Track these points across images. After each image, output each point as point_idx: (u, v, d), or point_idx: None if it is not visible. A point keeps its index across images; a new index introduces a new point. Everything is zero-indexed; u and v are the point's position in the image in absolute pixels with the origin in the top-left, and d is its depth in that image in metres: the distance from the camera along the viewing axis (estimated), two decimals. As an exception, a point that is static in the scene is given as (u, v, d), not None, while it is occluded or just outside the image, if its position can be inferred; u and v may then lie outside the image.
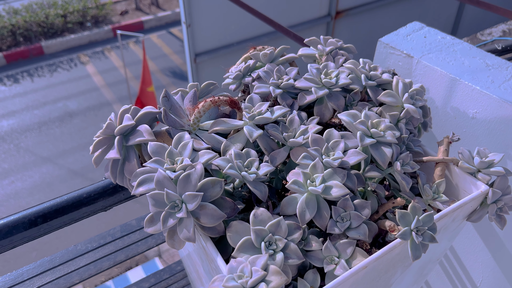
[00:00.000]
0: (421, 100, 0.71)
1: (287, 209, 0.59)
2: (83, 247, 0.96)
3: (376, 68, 0.75)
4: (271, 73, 0.75)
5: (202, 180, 0.55)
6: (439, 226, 0.62)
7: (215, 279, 0.48)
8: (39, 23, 7.93)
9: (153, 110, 0.64)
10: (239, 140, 0.65)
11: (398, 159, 0.63)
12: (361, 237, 0.56)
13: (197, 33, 2.98)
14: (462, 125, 0.95)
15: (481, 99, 0.89)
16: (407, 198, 0.64)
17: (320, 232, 0.61)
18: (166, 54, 7.86)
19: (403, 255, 0.60)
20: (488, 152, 0.67)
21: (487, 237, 1.01)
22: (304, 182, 0.57)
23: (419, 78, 1.01)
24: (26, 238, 0.67)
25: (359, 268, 0.52)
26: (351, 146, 0.63)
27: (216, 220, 0.54)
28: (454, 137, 0.70)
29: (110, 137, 0.62)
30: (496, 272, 1.03)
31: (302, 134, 0.64)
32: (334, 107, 0.72)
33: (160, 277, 1.14)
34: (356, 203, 0.58)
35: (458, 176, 0.68)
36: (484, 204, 0.66)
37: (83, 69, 7.58)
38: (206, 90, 0.74)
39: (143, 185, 0.56)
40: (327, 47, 0.81)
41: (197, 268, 0.77)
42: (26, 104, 6.81)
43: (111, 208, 0.75)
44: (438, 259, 0.81)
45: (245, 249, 0.52)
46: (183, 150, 0.58)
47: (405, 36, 1.07)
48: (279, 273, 0.46)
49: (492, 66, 0.95)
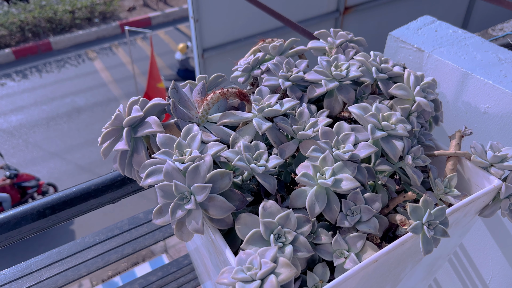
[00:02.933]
0: (432, 93, 0.70)
1: (296, 202, 0.58)
2: (91, 239, 0.96)
3: (387, 61, 0.74)
4: (281, 65, 0.74)
5: (211, 172, 0.54)
6: (451, 220, 0.61)
7: (223, 271, 0.47)
8: (47, 19, 7.98)
9: (161, 102, 0.63)
10: (248, 133, 0.64)
11: (409, 153, 0.62)
12: (371, 230, 0.55)
13: (205, 28, 2.97)
14: (474, 120, 0.94)
15: (494, 93, 0.88)
16: (418, 192, 0.64)
17: (329, 225, 0.60)
18: (173, 50, 7.87)
19: (414, 249, 0.59)
20: (502, 147, 0.66)
21: (497, 234, 1.00)
22: (313, 175, 0.56)
23: (430, 72, 0.99)
24: (35, 230, 0.67)
25: (370, 262, 0.51)
26: (361, 139, 0.62)
27: (225, 212, 0.53)
28: (466, 131, 0.69)
29: (119, 128, 0.62)
30: (507, 269, 1.02)
31: (312, 127, 0.63)
32: (344, 100, 0.71)
33: (167, 270, 1.14)
34: (366, 197, 0.57)
35: (470, 170, 0.67)
36: (496, 199, 0.64)
37: (91, 65, 7.62)
38: (214, 83, 0.73)
39: (151, 176, 0.55)
40: (337, 40, 0.80)
41: (204, 261, 0.77)
42: (35, 99, 6.87)
43: (119, 200, 0.74)
44: (448, 255, 0.80)
45: (254, 241, 0.52)
46: (192, 141, 0.58)
47: (416, 30, 1.06)
48: (289, 266, 0.45)
49: (505, 61, 0.94)
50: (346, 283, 0.50)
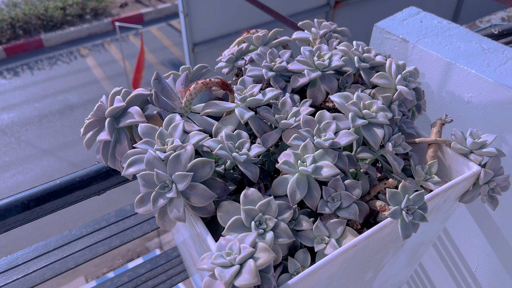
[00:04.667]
0: (414, 82, 0.71)
1: (278, 190, 0.59)
2: (78, 232, 0.96)
3: (370, 50, 0.75)
4: (264, 56, 0.74)
5: (192, 161, 0.55)
6: (431, 206, 0.62)
7: (203, 257, 0.48)
8: (38, 16, 7.90)
9: (144, 92, 0.64)
10: (231, 122, 0.65)
11: (390, 140, 0.63)
12: (352, 216, 0.56)
13: (195, 22, 2.96)
14: (458, 110, 0.95)
15: (477, 83, 0.89)
16: (399, 179, 0.64)
17: (311, 213, 0.61)
18: (166, 47, 7.83)
19: (394, 235, 0.60)
20: (481, 134, 0.67)
21: (482, 223, 1.01)
22: (295, 163, 0.57)
23: (415, 63, 1.00)
24: (19, 222, 0.67)
25: (349, 247, 0.52)
26: (343, 127, 0.62)
27: (206, 200, 0.54)
28: (447, 119, 0.70)
29: (101, 119, 0.62)
30: (492, 257, 1.03)
31: (294, 116, 0.64)
32: (327, 89, 0.71)
33: (156, 263, 1.14)
34: (347, 183, 0.58)
35: (450, 157, 0.68)
36: (476, 185, 0.65)
37: (83, 62, 7.56)
38: (198, 73, 0.73)
39: (133, 166, 0.56)
40: (321, 30, 0.80)
41: (191, 251, 0.78)
42: (27, 97, 6.81)
43: (105, 192, 0.75)
44: (431, 242, 0.82)
45: (235, 228, 0.52)
46: (174, 131, 0.58)
47: (401, 21, 1.06)
48: (268, 250, 0.46)
49: (488, 50, 0.95)
50: (326, 268, 0.51)
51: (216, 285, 0.45)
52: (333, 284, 0.57)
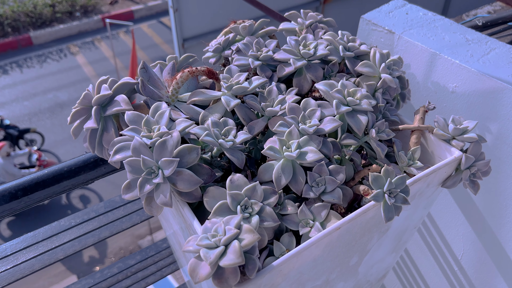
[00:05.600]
0: (398, 70, 0.72)
1: (264, 176, 0.59)
2: (67, 222, 0.96)
3: (355, 39, 0.76)
4: (250, 45, 0.75)
5: (179, 147, 0.55)
6: (414, 191, 0.63)
7: (189, 240, 0.49)
8: (27, 13, 7.82)
9: (130, 81, 0.64)
10: (218, 111, 0.65)
11: (373, 127, 0.64)
12: (335, 200, 0.57)
13: (185, 18, 2.95)
14: (443, 100, 0.96)
15: (461, 73, 0.90)
16: (383, 165, 0.65)
17: (296, 198, 0.62)
18: (157, 44, 7.80)
19: (378, 219, 0.61)
20: (463, 120, 0.68)
21: (467, 211, 1.03)
22: (280, 148, 0.58)
23: (401, 54, 1.01)
24: (7, 212, 0.67)
25: (333, 229, 0.53)
26: (327, 114, 0.63)
27: (192, 185, 0.54)
28: (430, 106, 0.71)
29: (88, 107, 0.63)
30: (477, 245, 1.05)
31: (280, 103, 0.65)
32: (312, 78, 0.72)
33: (146, 254, 1.15)
34: (331, 169, 0.59)
35: (433, 143, 0.69)
36: (458, 170, 0.67)
37: (73, 60, 7.51)
38: (185, 63, 0.74)
39: (119, 152, 0.56)
40: (307, 21, 0.81)
41: (179, 240, 0.78)
42: (16, 95, 6.75)
43: (93, 182, 0.75)
44: (415, 227, 0.83)
45: (221, 212, 0.53)
46: (160, 118, 0.59)
47: (387, 12, 1.08)
48: (252, 231, 0.47)
49: (472, 41, 0.96)
50: (310, 250, 0.52)
51: (202, 266, 0.46)
52: (318, 267, 0.59)
